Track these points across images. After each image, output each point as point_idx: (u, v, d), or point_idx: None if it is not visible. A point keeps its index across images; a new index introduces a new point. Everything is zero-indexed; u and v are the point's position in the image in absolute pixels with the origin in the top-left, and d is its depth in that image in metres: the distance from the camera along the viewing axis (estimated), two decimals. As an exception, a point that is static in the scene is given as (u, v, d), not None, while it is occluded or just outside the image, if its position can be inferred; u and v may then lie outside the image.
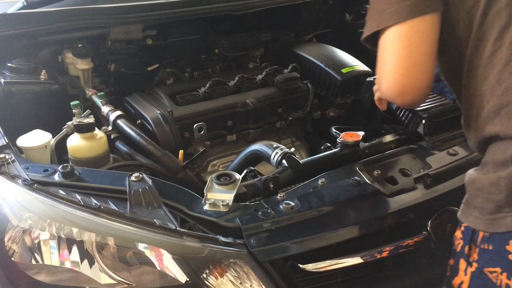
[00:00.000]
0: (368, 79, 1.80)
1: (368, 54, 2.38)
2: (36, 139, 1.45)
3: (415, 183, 1.32)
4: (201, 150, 1.60)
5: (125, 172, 1.26)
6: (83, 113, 1.64)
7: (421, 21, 0.95)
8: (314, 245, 1.16)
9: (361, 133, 1.50)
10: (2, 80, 1.64)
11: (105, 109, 1.71)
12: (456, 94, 1.11)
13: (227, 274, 1.09)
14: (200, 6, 1.97)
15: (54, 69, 1.85)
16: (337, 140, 1.50)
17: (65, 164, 1.23)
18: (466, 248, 1.03)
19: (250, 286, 1.09)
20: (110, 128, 1.67)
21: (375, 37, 1.02)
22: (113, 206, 1.13)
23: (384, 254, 1.25)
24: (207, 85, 1.87)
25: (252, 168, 1.44)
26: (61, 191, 1.15)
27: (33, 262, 1.10)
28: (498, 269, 0.96)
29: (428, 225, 1.29)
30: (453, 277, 1.08)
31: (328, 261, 1.19)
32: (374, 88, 1.53)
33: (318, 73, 2.03)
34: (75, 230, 1.08)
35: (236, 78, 1.93)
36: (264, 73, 1.99)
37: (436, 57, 0.99)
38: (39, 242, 1.09)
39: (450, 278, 1.10)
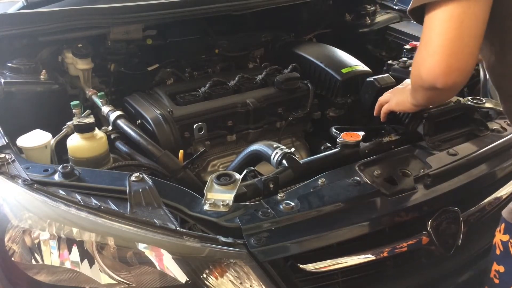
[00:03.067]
0: (368, 79, 1.80)
1: (368, 54, 2.41)
2: (36, 139, 1.45)
3: (415, 183, 1.32)
4: (201, 150, 1.59)
5: (125, 172, 1.26)
6: (83, 113, 1.64)
7: (476, 2, 0.93)
8: (314, 245, 1.16)
9: (361, 133, 1.50)
10: (2, 80, 1.64)
11: (105, 109, 1.71)
12: (497, 73, 1.08)
13: (227, 274, 1.09)
14: (200, 6, 1.97)
15: (54, 69, 1.85)
16: (337, 140, 1.50)
17: (65, 164, 1.23)
18: None
19: (250, 286, 1.09)
20: (110, 128, 1.66)
21: (422, 11, 0.99)
22: (113, 206, 1.13)
23: (384, 254, 1.25)
24: (207, 85, 1.87)
25: (252, 168, 1.44)
26: (61, 191, 1.15)
27: (33, 262, 1.10)
28: None
29: (428, 225, 1.29)
30: (508, 284, 1.05)
31: (328, 261, 1.19)
32: (384, 98, 1.52)
33: (318, 73, 2.03)
34: (75, 230, 1.08)
35: (236, 78, 1.93)
36: (264, 73, 1.98)
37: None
38: (39, 242, 1.09)
39: (504, 285, 1.06)
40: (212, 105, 1.80)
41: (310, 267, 1.17)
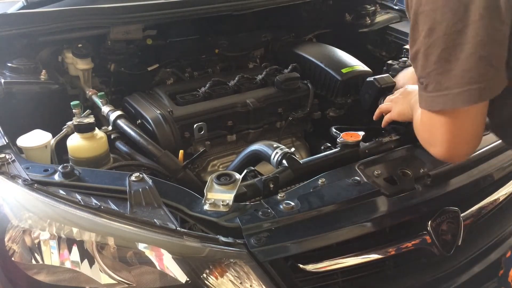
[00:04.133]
0: (368, 79, 1.79)
1: (368, 54, 2.41)
2: (36, 139, 1.45)
3: (415, 183, 1.32)
4: (201, 150, 1.59)
5: (125, 172, 1.26)
6: (83, 113, 1.64)
7: (484, 105, 0.94)
8: (314, 245, 1.16)
9: (361, 133, 1.50)
10: (2, 80, 1.64)
11: (105, 109, 1.71)
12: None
13: (227, 274, 1.09)
14: (200, 6, 1.97)
15: (54, 69, 1.85)
16: (337, 140, 1.50)
17: (65, 164, 1.23)
18: None
19: (250, 286, 1.09)
20: (110, 128, 1.66)
21: None
22: (113, 206, 1.13)
23: (384, 254, 1.25)
24: (207, 85, 1.87)
25: (252, 168, 1.44)
26: (61, 191, 1.15)
27: (33, 262, 1.10)
28: None
29: (428, 225, 1.29)
30: None
31: (328, 261, 1.19)
32: (385, 107, 1.53)
33: (318, 73, 2.03)
34: (75, 230, 1.08)
35: (236, 78, 1.93)
36: (264, 73, 1.98)
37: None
38: (39, 242, 1.09)
39: None
40: (212, 105, 1.80)
41: (310, 267, 1.17)
